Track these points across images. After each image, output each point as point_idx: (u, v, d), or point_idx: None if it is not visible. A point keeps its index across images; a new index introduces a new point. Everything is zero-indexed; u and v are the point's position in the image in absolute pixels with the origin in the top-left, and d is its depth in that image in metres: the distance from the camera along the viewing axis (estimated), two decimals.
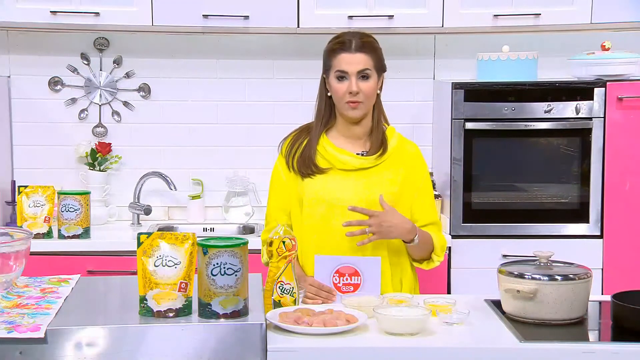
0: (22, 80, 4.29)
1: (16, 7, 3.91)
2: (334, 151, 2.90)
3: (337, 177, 2.89)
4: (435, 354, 2.29)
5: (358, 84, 2.84)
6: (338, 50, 2.87)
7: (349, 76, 2.84)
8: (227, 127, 4.38)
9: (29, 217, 3.78)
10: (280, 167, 2.98)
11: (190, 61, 4.33)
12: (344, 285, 2.71)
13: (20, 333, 2.15)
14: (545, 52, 4.11)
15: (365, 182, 2.87)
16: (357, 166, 2.89)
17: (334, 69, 2.87)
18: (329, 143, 2.92)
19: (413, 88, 4.37)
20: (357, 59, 2.85)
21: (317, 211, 2.87)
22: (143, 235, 2.28)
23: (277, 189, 2.98)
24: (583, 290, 2.50)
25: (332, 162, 2.90)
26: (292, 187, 2.94)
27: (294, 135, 2.99)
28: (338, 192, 2.86)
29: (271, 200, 3.00)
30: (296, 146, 2.95)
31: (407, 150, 2.97)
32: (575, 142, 3.92)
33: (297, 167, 2.91)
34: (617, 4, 3.99)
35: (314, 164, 2.89)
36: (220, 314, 2.24)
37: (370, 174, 2.89)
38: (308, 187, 2.89)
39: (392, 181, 2.89)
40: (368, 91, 2.86)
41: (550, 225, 3.93)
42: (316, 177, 2.89)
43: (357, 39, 2.87)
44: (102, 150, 4.24)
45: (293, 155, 2.93)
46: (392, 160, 2.92)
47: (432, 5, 3.98)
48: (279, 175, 2.98)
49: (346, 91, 2.84)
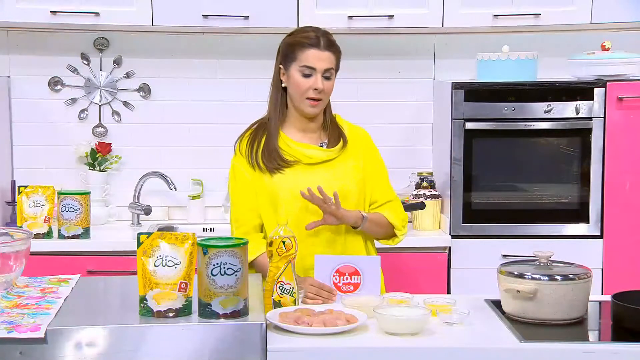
0: (22, 80, 4.29)
1: (16, 7, 3.91)
2: (297, 146, 2.91)
3: (306, 171, 2.90)
4: (435, 354, 2.29)
5: (323, 82, 2.85)
6: (307, 45, 2.85)
7: (315, 73, 2.84)
8: (227, 127, 4.35)
9: (29, 217, 3.78)
10: (242, 167, 2.94)
11: (190, 61, 4.33)
12: (344, 285, 2.71)
13: (20, 333, 2.15)
14: (545, 52, 4.11)
15: (334, 173, 2.91)
16: (323, 158, 2.91)
17: (299, 62, 2.85)
18: (287, 139, 2.92)
19: (413, 88, 4.37)
20: (326, 57, 2.86)
21: (294, 208, 2.87)
22: (143, 235, 2.28)
23: (242, 189, 2.95)
24: (583, 290, 2.50)
25: (296, 156, 2.90)
26: (258, 185, 2.91)
27: (251, 133, 2.98)
28: (311, 186, 2.84)
29: (237, 202, 2.96)
30: (256, 144, 2.93)
31: (359, 135, 3.02)
32: (575, 142, 3.92)
33: (265, 163, 2.90)
34: (617, 4, 3.99)
35: (281, 157, 2.89)
36: (220, 314, 2.23)
37: (336, 164, 2.93)
38: (280, 185, 2.88)
39: (356, 168, 2.95)
40: (329, 90, 2.89)
41: (550, 225, 3.93)
42: (285, 172, 2.89)
43: (326, 38, 2.88)
44: (102, 150, 4.24)
45: (255, 153, 2.92)
46: (350, 148, 2.96)
47: (432, 5, 3.99)
48: (242, 175, 2.94)
49: (310, 87, 2.85)
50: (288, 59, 2.89)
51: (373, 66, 4.34)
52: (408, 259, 3.84)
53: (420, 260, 3.85)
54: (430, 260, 3.89)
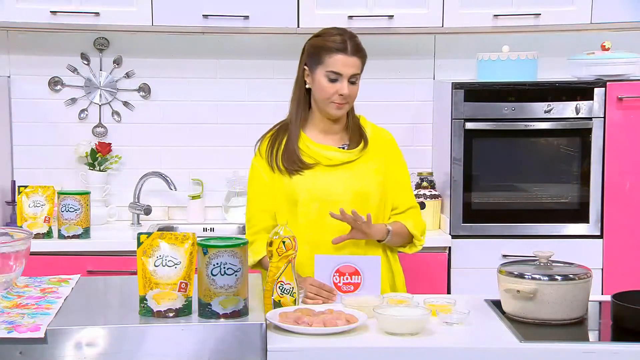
0: (22, 80, 4.29)
1: (16, 7, 3.90)
2: (317, 148, 2.90)
3: (326, 173, 2.89)
4: (435, 354, 2.29)
5: (348, 87, 2.84)
6: (334, 50, 2.83)
7: (341, 79, 2.83)
8: (227, 127, 4.38)
9: (29, 217, 3.78)
10: (261, 168, 2.95)
11: (190, 61, 4.33)
12: (345, 285, 2.71)
13: (20, 333, 2.15)
14: (545, 52, 4.11)
15: (354, 175, 2.89)
16: (343, 160, 2.90)
17: (326, 67, 2.84)
18: (308, 140, 2.91)
19: (413, 88, 4.37)
20: (352, 63, 2.84)
21: (312, 209, 2.87)
22: (143, 235, 2.29)
23: (258, 190, 2.95)
24: (583, 290, 2.50)
25: (317, 158, 2.89)
26: (277, 187, 2.91)
27: (271, 135, 2.97)
28: (330, 187, 2.86)
29: (253, 202, 2.97)
30: (276, 145, 2.93)
31: (383, 138, 3.00)
32: (575, 142, 3.92)
33: (284, 165, 2.90)
34: (617, 4, 3.99)
35: (300, 160, 2.88)
36: (220, 314, 2.24)
37: (356, 166, 2.91)
38: (299, 186, 2.88)
39: (378, 170, 2.93)
40: (354, 95, 2.88)
41: (550, 225, 3.93)
42: (305, 173, 2.88)
43: (354, 42, 2.86)
44: (102, 150, 4.24)
45: (275, 155, 2.92)
46: (372, 150, 2.94)
47: (432, 5, 3.98)
48: (259, 176, 2.95)
49: (336, 92, 2.84)
50: (314, 61, 2.86)
51: (373, 66, 4.29)
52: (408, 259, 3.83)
53: (420, 260, 3.84)
54: (430, 260, 3.89)
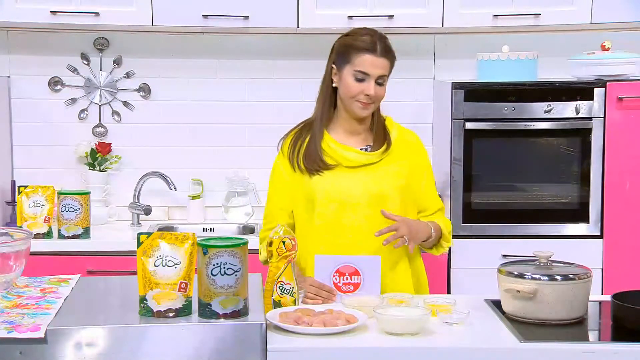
0: (22, 80, 4.29)
1: (16, 7, 3.90)
2: (339, 148, 2.88)
3: (345, 174, 2.87)
4: (435, 354, 2.29)
5: (375, 88, 2.82)
6: (363, 50, 2.81)
7: (369, 79, 2.81)
8: (227, 127, 4.38)
9: (29, 217, 3.78)
10: (282, 166, 2.95)
11: (190, 61, 4.33)
12: (344, 285, 2.71)
13: (20, 333, 2.15)
14: (545, 52, 4.11)
15: (373, 177, 2.87)
16: (363, 162, 2.88)
17: (354, 66, 2.82)
18: (331, 140, 2.90)
19: (413, 88, 4.37)
20: (381, 64, 2.82)
21: (329, 210, 2.86)
22: (143, 235, 2.28)
23: (278, 188, 2.96)
24: (583, 290, 2.50)
25: (337, 159, 2.88)
26: (296, 186, 2.91)
27: (295, 133, 2.96)
28: (348, 189, 2.85)
29: (271, 199, 2.98)
30: (299, 144, 2.92)
31: (408, 140, 2.97)
32: (575, 142, 3.92)
33: (305, 165, 2.89)
34: (617, 4, 3.99)
35: (322, 160, 2.87)
36: (220, 314, 2.23)
37: (377, 168, 2.88)
38: (318, 186, 2.86)
39: (399, 173, 2.89)
40: (381, 96, 2.86)
41: (550, 225, 3.93)
42: (324, 174, 2.87)
43: (383, 43, 2.83)
44: (102, 150, 4.24)
45: (297, 154, 2.91)
46: (396, 152, 2.91)
47: (432, 5, 3.98)
48: (280, 174, 2.95)
49: (362, 92, 2.82)
50: (342, 60, 2.85)
51: None
52: None
53: None
54: (430, 260, 3.88)
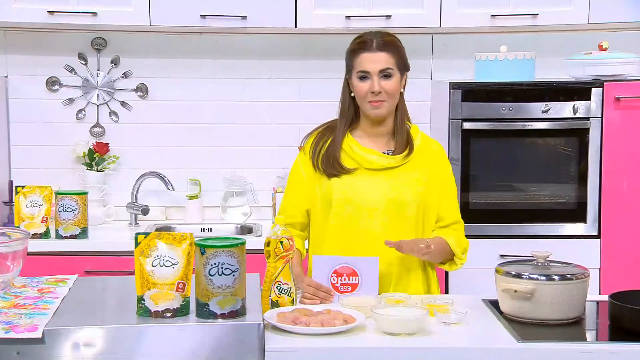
0: (20, 80, 4.28)
1: (13, 7, 3.90)
2: (360, 150, 2.88)
3: (365, 177, 2.87)
4: (433, 354, 2.29)
5: (380, 83, 2.83)
6: (359, 51, 2.85)
7: (370, 75, 2.83)
8: (225, 127, 4.37)
9: (26, 217, 3.78)
10: (302, 165, 2.95)
11: (188, 61, 4.33)
12: (342, 286, 2.71)
13: (17, 333, 2.15)
14: (542, 52, 4.11)
15: (392, 183, 2.86)
16: (384, 165, 2.87)
17: (355, 69, 2.85)
18: (354, 142, 2.90)
19: (411, 88, 4.30)
20: (379, 58, 2.83)
21: (345, 212, 2.86)
22: (141, 236, 2.28)
23: (295, 186, 2.96)
24: (580, 290, 2.50)
25: (358, 161, 2.88)
26: (314, 186, 2.91)
27: (318, 133, 2.96)
28: (366, 193, 2.85)
29: (288, 195, 2.98)
30: (320, 144, 2.92)
31: (431, 149, 2.96)
32: (572, 142, 3.92)
33: (323, 167, 2.89)
34: (614, 4, 3.99)
35: (339, 163, 2.87)
36: (217, 314, 2.23)
37: (397, 173, 2.88)
38: (336, 188, 2.86)
39: (419, 181, 2.89)
40: (390, 90, 2.85)
41: (547, 225, 3.93)
42: (343, 177, 2.87)
43: (378, 38, 2.86)
44: (99, 151, 4.24)
45: (318, 154, 2.91)
46: (417, 160, 2.90)
47: (430, 6, 3.98)
48: (299, 173, 2.95)
49: (368, 91, 2.83)
50: (349, 67, 2.89)
51: None
52: None
53: None
54: None
